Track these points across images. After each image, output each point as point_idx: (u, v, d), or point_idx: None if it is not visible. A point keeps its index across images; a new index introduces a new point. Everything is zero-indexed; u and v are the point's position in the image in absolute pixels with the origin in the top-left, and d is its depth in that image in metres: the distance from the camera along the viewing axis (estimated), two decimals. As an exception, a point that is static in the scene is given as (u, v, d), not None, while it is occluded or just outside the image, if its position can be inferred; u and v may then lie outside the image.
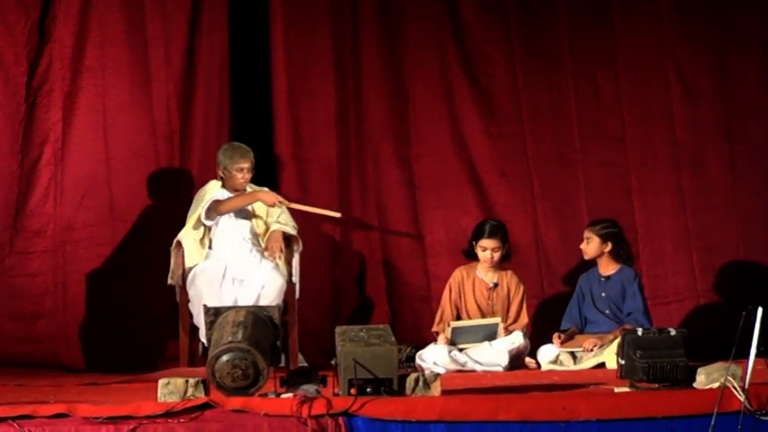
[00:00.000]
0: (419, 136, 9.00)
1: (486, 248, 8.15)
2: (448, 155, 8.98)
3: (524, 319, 8.20)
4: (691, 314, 8.71)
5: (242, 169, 8.26)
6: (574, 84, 8.92)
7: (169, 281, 8.22)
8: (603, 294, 8.21)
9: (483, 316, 8.20)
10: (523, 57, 8.94)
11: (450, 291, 8.25)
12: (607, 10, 8.91)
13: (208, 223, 8.18)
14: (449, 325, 8.07)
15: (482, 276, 8.25)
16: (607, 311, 8.17)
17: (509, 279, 8.25)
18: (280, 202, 8.23)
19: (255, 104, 9.00)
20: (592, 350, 7.93)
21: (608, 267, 8.23)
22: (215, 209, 8.17)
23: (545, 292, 8.87)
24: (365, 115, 9.02)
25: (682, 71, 8.89)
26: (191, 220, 8.22)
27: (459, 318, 8.22)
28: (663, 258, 8.86)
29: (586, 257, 8.24)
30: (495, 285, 8.23)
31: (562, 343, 8.06)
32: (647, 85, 8.91)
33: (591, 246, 8.20)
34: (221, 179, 8.32)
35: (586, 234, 8.21)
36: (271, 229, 8.31)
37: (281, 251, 8.20)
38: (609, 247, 8.20)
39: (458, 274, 8.28)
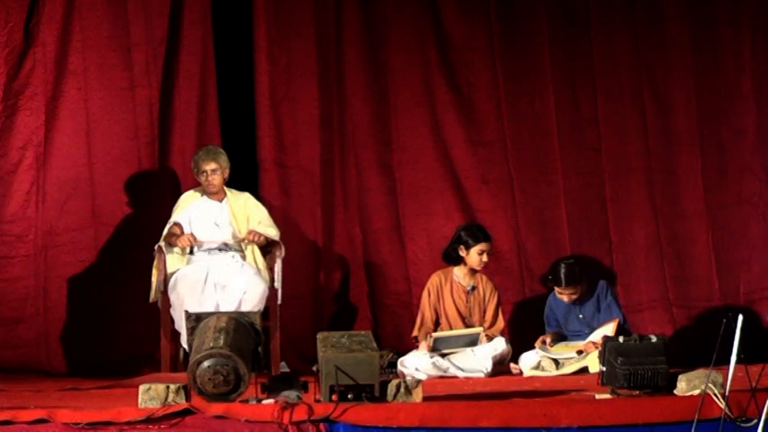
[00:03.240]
0: (401, 142, 9.00)
1: (484, 251, 8.19)
2: (430, 161, 8.99)
3: (501, 323, 8.24)
4: (663, 322, 8.72)
5: (205, 171, 8.28)
6: (554, 93, 8.94)
7: (151, 298, 8.21)
8: (581, 316, 8.26)
9: (462, 319, 8.23)
10: (504, 66, 8.96)
11: (429, 295, 8.27)
12: (586, 22, 8.94)
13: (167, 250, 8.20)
14: (431, 336, 8.06)
15: (459, 280, 8.28)
16: (587, 330, 8.20)
17: (484, 284, 8.29)
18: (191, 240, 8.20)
19: (239, 109, 8.99)
20: (581, 352, 7.96)
21: (584, 293, 8.29)
22: (169, 236, 8.22)
23: (526, 297, 8.89)
24: (347, 121, 9.02)
25: (655, 81, 8.93)
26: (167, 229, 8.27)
27: (438, 322, 8.23)
28: (635, 266, 8.90)
29: (576, 297, 8.28)
30: (473, 289, 8.26)
31: (550, 342, 8.10)
32: (622, 96, 8.95)
33: (576, 294, 8.24)
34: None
35: (569, 291, 8.22)
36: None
37: (259, 238, 8.19)
38: (586, 284, 8.25)
39: (435, 279, 8.30)
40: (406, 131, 8.99)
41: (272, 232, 8.34)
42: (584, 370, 7.86)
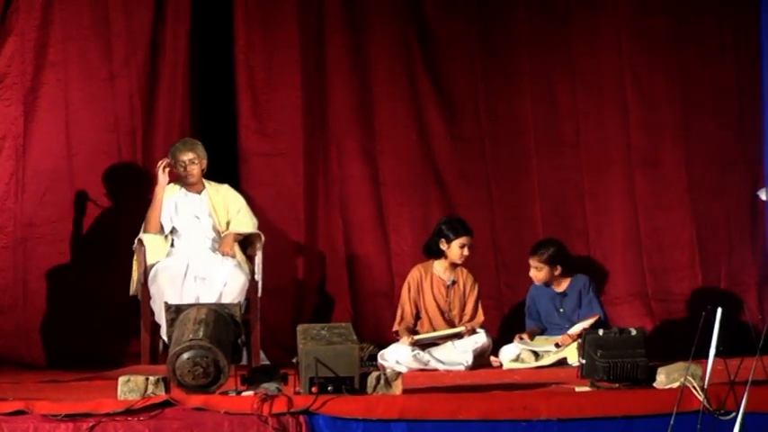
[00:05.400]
0: (384, 132, 8.99)
1: (465, 245, 8.18)
2: (412, 152, 8.98)
3: (481, 316, 8.22)
4: (641, 315, 8.74)
5: (183, 162, 8.28)
6: (530, 88, 8.94)
7: (131, 291, 8.20)
8: (562, 310, 8.26)
9: (441, 314, 8.22)
10: (482, 61, 8.95)
11: (410, 289, 8.25)
12: (565, 15, 8.94)
13: (146, 237, 8.21)
14: (413, 336, 8.06)
15: (440, 274, 8.27)
16: (567, 325, 8.20)
17: (465, 277, 8.27)
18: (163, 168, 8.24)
19: (221, 100, 8.97)
20: (559, 345, 7.98)
21: (562, 284, 8.29)
22: (146, 223, 8.23)
23: (502, 292, 8.90)
24: (329, 109, 9.01)
25: (638, 74, 8.91)
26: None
27: (418, 316, 8.23)
28: (613, 260, 8.90)
29: (538, 283, 8.29)
30: (453, 283, 8.26)
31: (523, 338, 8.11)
32: (602, 89, 8.93)
33: (542, 273, 8.25)
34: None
35: (533, 263, 8.24)
36: (226, 231, 8.31)
37: (233, 256, 8.19)
38: (558, 269, 8.24)
39: (416, 273, 8.29)
40: (389, 121, 8.98)
41: (250, 224, 8.34)
42: (563, 362, 7.88)
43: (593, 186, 8.94)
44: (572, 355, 7.67)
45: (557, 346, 8.04)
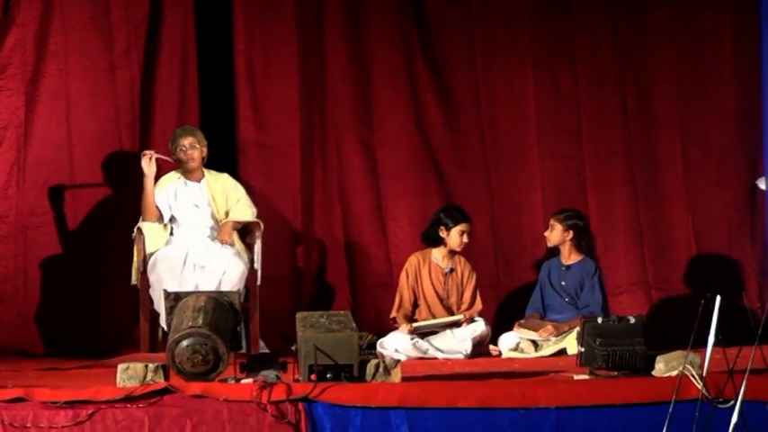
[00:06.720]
0: (382, 122, 9.00)
1: (464, 232, 8.19)
2: (411, 143, 8.99)
3: (479, 304, 8.23)
4: (641, 304, 8.75)
5: (183, 146, 8.32)
6: (533, 77, 8.95)
7: (132, 281, 8.21)
8: (563, 283, 8.26)
9: (440, 301, 8.23)
10: (483, 50, 8.96)
11: (408, 276, 8.26)
12: (566, 6, 8.95)
13: (146, 226, 8.25)
14: (412, 323, 8.07)
15: (438, 262, 8.28)
16: (567, 299, 8.21)
17: (463, 265, 8.28)
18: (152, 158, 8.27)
19: (220, 90, 8.98)
20: (548, 338, 7.97)
21: (570, 257, 8.28)
22: (143, 212, 8.27)
23: (501, 281, 8.92)
24: (328, 100, 9.01)
25: (636, 66, 8.94)
26: None
27: (416, 303, 8.24)
28: (615, 250, 8.92)
29: (549, 245, 8.33)
30: (451, 271, 8.26)
31: (520, 326, 8.09)
32: (603, 80, 8.95)
33: (554, 233, 8.26)
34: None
35: (551, 221, 8.30)
36: (225, 219, 8.33)
37: (232, 244, 8.20)
38: (571, 236, 8.24)
39: (414, 260, 8.30)
40: (388, 112, 8.99)
41: (249, 212, 8.35)
42: (563, 352, 7.88)
43: (595, 175, 8.95)
44: (571, 345, 7.67)
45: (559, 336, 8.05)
